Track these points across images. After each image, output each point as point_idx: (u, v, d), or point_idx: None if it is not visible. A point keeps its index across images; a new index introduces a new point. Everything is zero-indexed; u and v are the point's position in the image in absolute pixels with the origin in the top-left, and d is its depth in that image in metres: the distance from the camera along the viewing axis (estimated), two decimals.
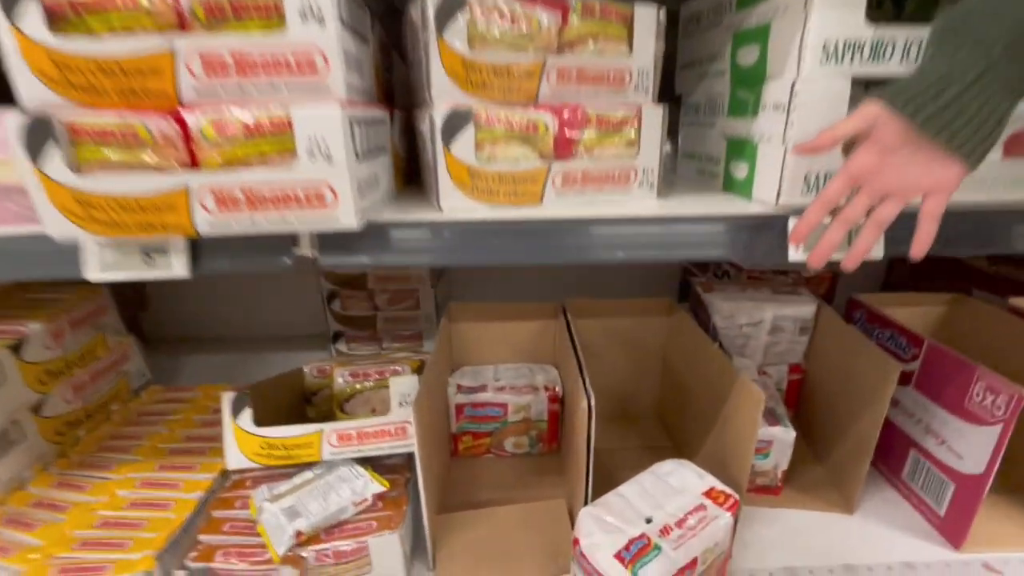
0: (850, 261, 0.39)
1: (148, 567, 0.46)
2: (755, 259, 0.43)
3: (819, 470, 0.67)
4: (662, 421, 0.76)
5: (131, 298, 0.99)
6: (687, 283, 0.89)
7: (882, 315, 0.66)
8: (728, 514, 0.47)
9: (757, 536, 0.57)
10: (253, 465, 0.52)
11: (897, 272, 0.93)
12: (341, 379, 0.65)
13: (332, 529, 0.49)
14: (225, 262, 0.39)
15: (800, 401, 0.73)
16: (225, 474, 0.57)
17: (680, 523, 0.46)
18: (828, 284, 0.87)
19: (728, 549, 0.49)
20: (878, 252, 0.41)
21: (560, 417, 0.69)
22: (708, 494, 0.49)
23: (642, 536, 0.45)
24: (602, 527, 0.46)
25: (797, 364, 0.72)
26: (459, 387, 0.67)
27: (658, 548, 0.44)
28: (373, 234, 0.39)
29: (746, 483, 0.51)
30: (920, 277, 0.86)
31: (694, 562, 0.44)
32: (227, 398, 0.52)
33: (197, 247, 0.39)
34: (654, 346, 0.75)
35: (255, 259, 0.39)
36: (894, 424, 0.63)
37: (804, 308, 0.69)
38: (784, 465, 0.61)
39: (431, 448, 0.54)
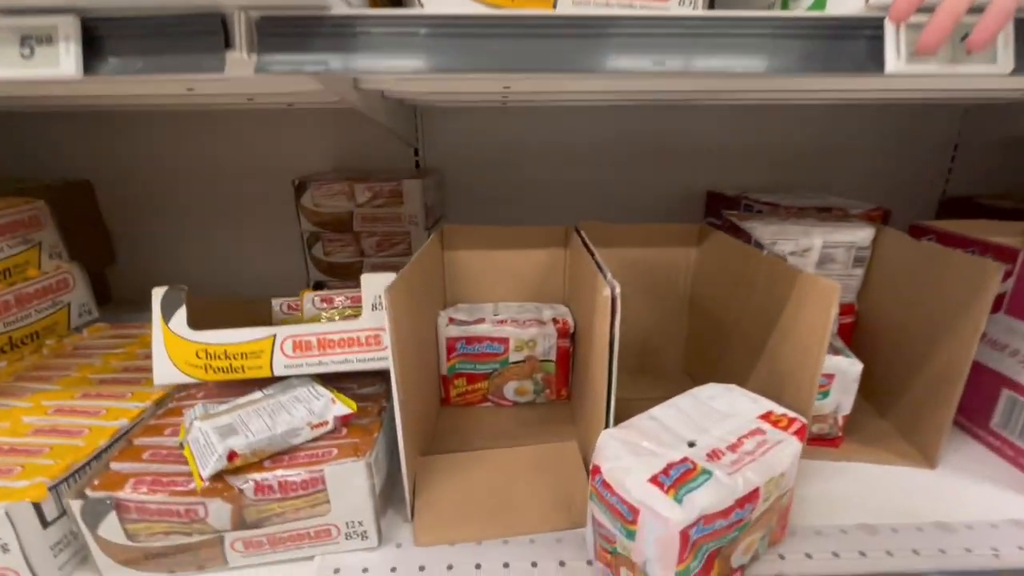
0: (981, 34, 0.29)
1: (37, 496, 0.35)
2: (837, 66, 0.32)
3: (883, 424, 0.55)
4: (690, 376, 0.65)
5: (95, 250, 0.90)
6: (713, 221, 0.79)
7: (958, 235, 0.56)
8: (794, 439, 0.36)
9: (819, 492, 0.45)
10: (186, 379, 0.41)
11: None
12: (311, 304, 0.54)
13: (280, 456, 0.38)
14: (137, 62, 0.29)
15: (852, 348, 0.62)
16: (161, 403, 0.47)
17: (733, 447, 0.35)
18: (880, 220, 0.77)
19: (791, 490, 0.38)
20: (1006, 63, 0.31)
21: (571, 357, 0.58)
22: (765, 417, 0.38)
23: (684, 460, 0.34)
24: (631, 450, 0.35)
25: (850, 304, 0.61)
26: (451, 320, 0.57)
27: (707, 473, 0.33)
28: (333, 26, 0.30)
29: (812, 405, 0.40)
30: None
31: (755, 494, 0.33)
32: (157, 294, 0.41)
33: (95, 39, 0.29)
34: (681, 285, 0.64)
35: (174, 59, 0.29)
36: (977, 363, 0.52)
37: (860, 233, 0.58)
38: (846, 408, 0.50)
39: (411, 367, 0.44)
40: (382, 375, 0.49)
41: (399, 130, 0.78)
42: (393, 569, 0.38)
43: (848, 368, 0.48)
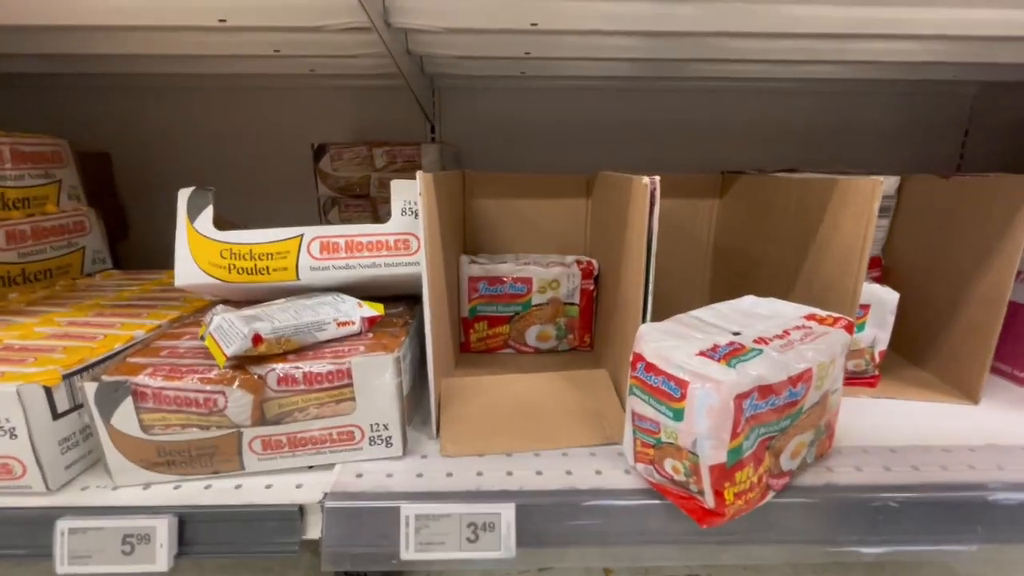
0: None
1: (50, 381, 0.34)
2: None
3: (918, 372, 0.53)
4: None
5: (110, 223, 0.90)
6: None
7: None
8: (842, 331, 0.35)
9: (862, 423, 0.43)
10: (209, 281, 0.40)
11: None
12: None
13: (304, 352, 0.36)
14: None
15: None
16: (177, 320, 0.45)
17: (780, 337, 0.34)
18: None
19: (839, 394, 0.36)
20: None
21: (595, 301, 0.56)
22: (809, 317, 0.37)
23: (731, 343, 0.32)
24: (674, 336, 0.33)
25: (876, 257, 0.60)
26: (473, 260, 0.56)
27: (758, 350, 0.31)
28: None
29: (856, 308, 0.38)
30: None
31: (808, 374, 0.31)
32: (183, 194, 0.41)
33: None
34: (704, 236, 0.63)
35: None
36: (1013, 303, 0.51)
37: (887, 182, 0.58)
38: (883, 343, 0.48)
39: (438, 281, 0.43)
40: (405, 299, 0.48)
41: (418, 92, 0.78)
42: (419, 475, 0.36)
43: (885, 297, 0.47)
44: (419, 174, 0.35)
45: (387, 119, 0.89)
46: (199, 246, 0.40)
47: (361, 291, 0.42)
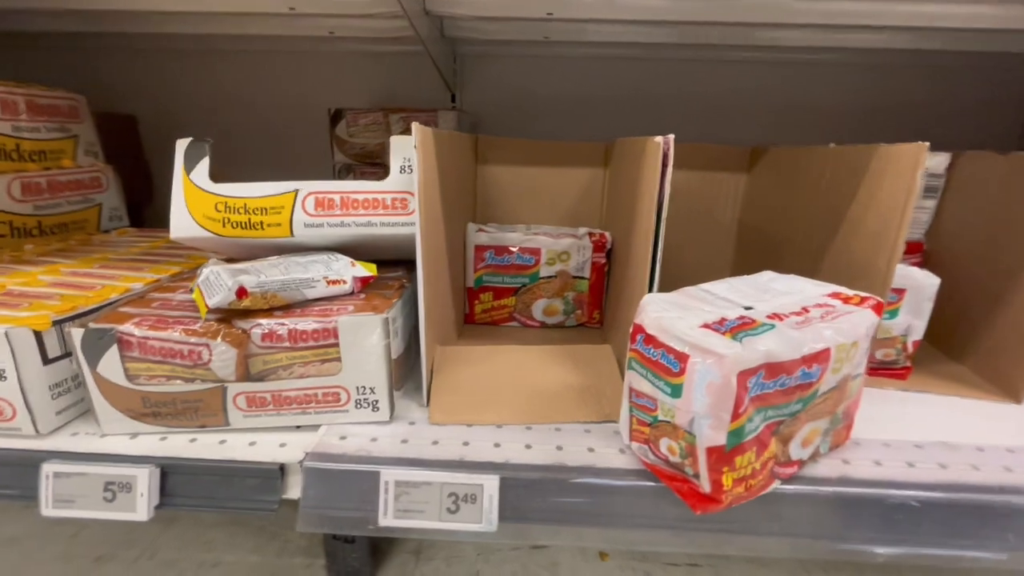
0: None
1: (40, 325, 0.34)
2: None
3: (956, 367, 0.49)
4: None
5: (135, 185, 0.91)
6: None
7: None
8: (869, 311, 0.32)
9: (887, 415, 0.40)
10: (203, 234, 0.39)
11: None
12: None
13: (293, 308, 0.35)
14: None
15: None
16: (177, 275, 0.45)
17: (799, 313, 0.31)
18: None
19: (861, 381, 0.33)
20: None
21: (606, 276, 0.54)
22: (834, 296, 0.34)
23: (742, 317, 0.29)
24: (679, 307, 0.31)
25: (917, 242, 0.55)
26: (481, 228, 0.54)
27: (770, 325, 0.28)
28: None
29: (889, 287, 0.35)
30: None
31: (825, 355, 0.28)
32: (181, 144, 0.40)
33: None
34: (728, 214, 0.59)
35: None
36: None
37: (932, 160, 0.53)
38: (918, 332, 0.44)
39: (436, 249, 0.41)
40: (405, 264, 0.46)
41: (438, 58, 0.76)
42: (404, 441, 0.35)
43: (923, 281, 0.43)
44: (415, 125, 0.33)
45: (409, 87, 0.87)
46: (195, 198, 0.39)
47: (360, 252, 0.41)
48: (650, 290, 0.36)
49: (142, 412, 0.35)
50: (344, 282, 0.37)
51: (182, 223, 0.39)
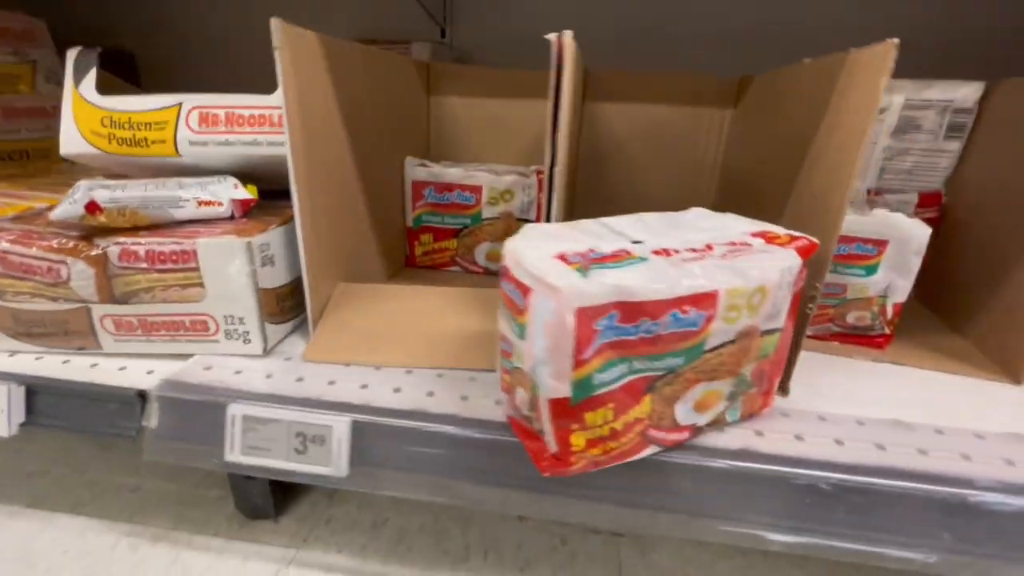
0: None
1: None
2: None
3: (957, 340, 0.41)
4: None
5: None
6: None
7: None
8: (792, 252, 0.26)
9: (841, 387, 0.34)
10: (91, 150, 0.37)
11: None
12: None
13: (161, 229, 0.33)
14: None
15: (933, 251, 0.47)
16: None
17: (697, 250, 0.25)
18: None
19: (789, 329, 0.27)
20: None
21: None
22: (760, 235, 0.27)
23: (618, 250, 0.24)
24: (553, 238, 0.26)
25: (935, 192, 0.47)
26: (422, 163, 0.49)
27: (642, 259, 0.23)
28: None
29: (840, 225, 0.28)
30: None
31: (710, 299, 0.23)
32: (71, 55, 0.38)
33: None
34: (711, 154, 0.52)
35: None
36: None
37: (961, 90, 0.44)
38: (900, 294, 0.37)
39: (327, 173, 0.37)
40: None
41: None
42: (269, 375, 0.32)
43: (910, 231, 0.35)
44: (274, 21, 0.29)
45: (405, 21, 0.82)
46: (83, 112, 0.37)
47: (266, 179, 0.38)
48: (548, 212, 0.31)
49: (17, 331, 0.34)
50: (220, 204, 0.34)
51: (69, 138, 0.37)
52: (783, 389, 0.32)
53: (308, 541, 0.41)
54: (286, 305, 0.36)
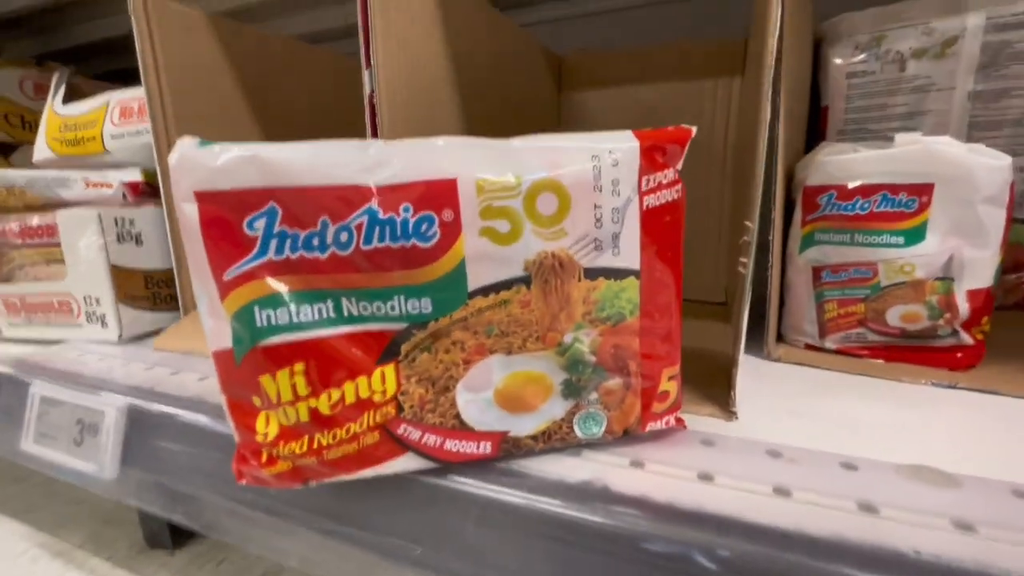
0: None
1: None
2: None
3: None
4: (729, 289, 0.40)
5: None
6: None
7: None
8: (624, 134, 0.16)
9: (888, 416, 0.20)
10: (49, 155, 0.40)
11: None
12: None
13: (44, 209, 0.33)
14: None
15: None
16: None
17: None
18: None
19: (669, 282, 0.16)
20: None
21: None
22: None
23: None
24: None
25: None
26: None
27: None
28: None
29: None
30: None
31: (443, 189, 0.14)
32: (57, 75, 0.42)
33: None
34: (717, 135, 0.41)
35: None
36: None
37: None
38: (980, 276, 0.22)
39: None
40: None
41: None
42: (102, 359, 0.29)
43: (969, 164, 0.21)
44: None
45: None
46: (52, 122, 0.40)
47: None
48: None
49: None
50: (109, 185, 0.33)
51: (39, 147, 0.40)
52: (726, 407, 0.20)
53: None
54: (162, 292, 0.33)
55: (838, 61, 0.35)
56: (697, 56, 0.41)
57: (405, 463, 0.16)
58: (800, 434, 0.18)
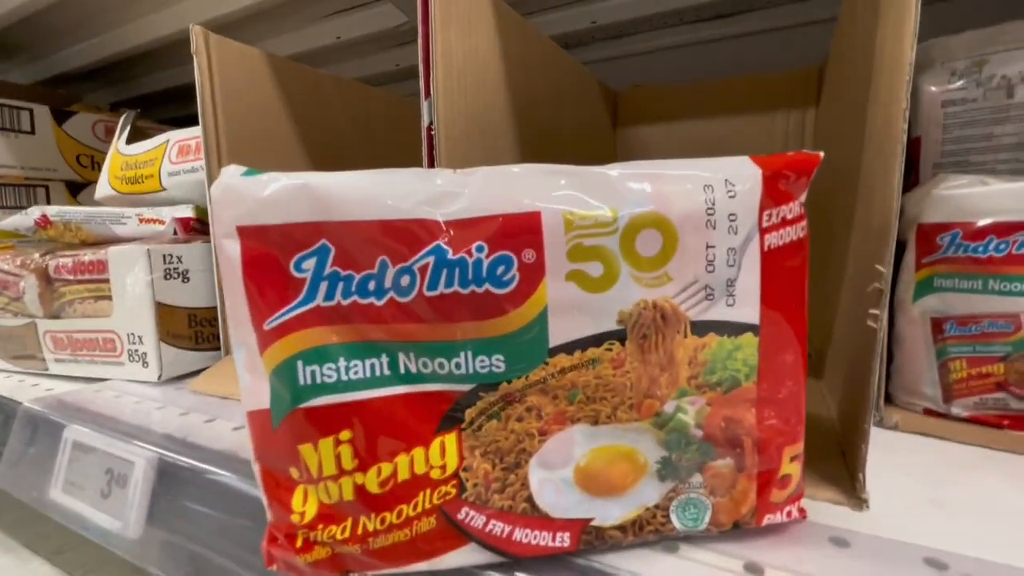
0: None
1: None
2: None
3: None
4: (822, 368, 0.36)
5: None
6: None
7: None
8: (742, 160, 0.13)
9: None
10: (111, 193, 0.40)
11: None
12: None
13: (98, 245, 0.33)
14: None
15: None
16: None
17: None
18: None
19: (791, 336, 0.13)
20: None
21: None
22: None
23: None
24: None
25: None
26: None
27: None
28: None
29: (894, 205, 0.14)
30: None
31: (525, 224, 0.12)
32: (124, 116, 0.43)
33: None
34: None
35: None
36: None
37: None
38: None
39: None
40: None
41: None
42: (138, 402, 0.27)
43: None
44: (195, 28, 0.29)
45: None
46: (115, 161, 0.41)
47: None
48: None
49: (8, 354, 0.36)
50: (161, 222, 0.33)
51: (101, 184, 0.41)
52: (852, 492, 0.16)
53: None
54: (205, 332, 0.32)
55: (932, 89, 0.32)
56: (762, 88, 0.38)
57: (466, 556, 0.13)
58: (958, 535, 0.14)
